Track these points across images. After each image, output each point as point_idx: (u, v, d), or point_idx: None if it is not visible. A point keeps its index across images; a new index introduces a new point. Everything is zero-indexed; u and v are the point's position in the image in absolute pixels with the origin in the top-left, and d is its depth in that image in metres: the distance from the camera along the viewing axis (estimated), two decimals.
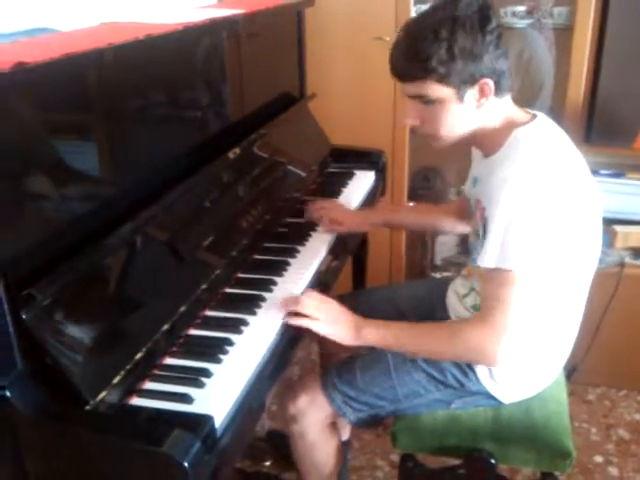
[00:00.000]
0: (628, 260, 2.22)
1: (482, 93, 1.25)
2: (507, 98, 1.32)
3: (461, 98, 1.25)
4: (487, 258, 1.23)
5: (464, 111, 1.27)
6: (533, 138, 1.27)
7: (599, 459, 2.07)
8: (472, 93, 1.25)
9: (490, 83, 1.24)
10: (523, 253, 1.20)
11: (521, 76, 2.43)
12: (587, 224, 1.29)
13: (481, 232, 1.31)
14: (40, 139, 1.11)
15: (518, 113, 1.33)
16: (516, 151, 1.25)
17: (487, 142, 1.34)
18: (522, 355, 1.37)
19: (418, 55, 1.22)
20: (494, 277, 1.24)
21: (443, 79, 1.23)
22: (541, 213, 1.19)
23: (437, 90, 1.24)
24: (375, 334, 1.34)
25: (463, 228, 1.75)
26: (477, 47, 1.21)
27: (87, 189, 1.23)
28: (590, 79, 2.21)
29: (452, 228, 1.80)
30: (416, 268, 2.79)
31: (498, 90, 1.26)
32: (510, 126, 1.30)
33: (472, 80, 1.23)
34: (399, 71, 1.28)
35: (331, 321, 1.35)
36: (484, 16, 1.22)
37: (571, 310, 1.38)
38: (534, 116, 1.32)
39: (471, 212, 1.47)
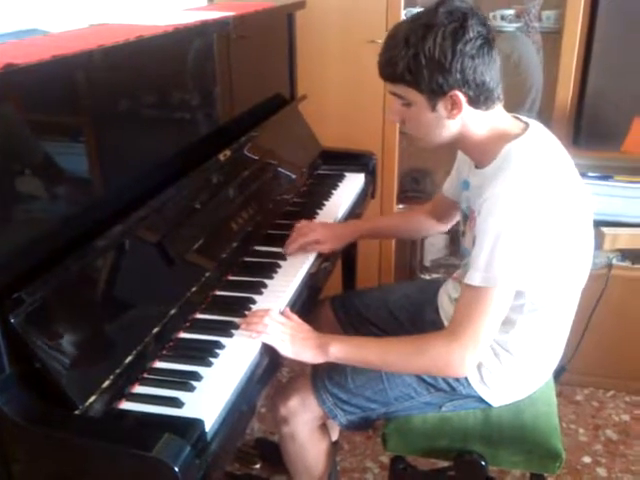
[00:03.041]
0: (616, 262, 2.24)
1: (453, 105, 1.22)
2: (497, 110, 1.28)
3: (433, 107, 1.24)
4: (473, 275, 1.22)
5: (437, 120, 1.26)
6: (524, 154, 1.24)
7: (587, 460, 2.08)
8: (443, 104, 1.23)
9: (460, 95, 1.21)
10: (507, 272, 1.20)
11: (510, 80, 2.43)
12: (579, 234, 1.29)
13: (472, 246, 1.31)
14: (28, 141, 1.10)
15: (509, 124, 1.30)
16: (507, 168, 1.23)
17: (477, 153, 1.33)
18: (514, 361, 1.38)
19: (390, 60, 1.23)
20: (473, 290, 1.23)
21: (413, 85, 1.22)
22: (528, 233, 1.19)
23: (410, 94, 1.24)
24: (340, 351, 1.31)
25: (440, 228, 1.78)
26: (445, 58, 1.18)
27: (76, 191, 1.23)
28: (578, 82, 2.22)
29: (432, 229, 1.80)
30: (405, 269, 2.79)
31: (476, 103, 1.23)
32: (501, 139, 1.27)
33: (441, 91, 1.21)
34: (379, 71, 1.29)
35: (295, 342, 1.31)
36: (461, 27, 1.18)
37: (563, 316, 1.39)
38: (526, 126, 1.30)
39: (461, 213, 1.48)
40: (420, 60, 1.19)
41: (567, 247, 1.27)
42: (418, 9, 2.35)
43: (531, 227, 1.19)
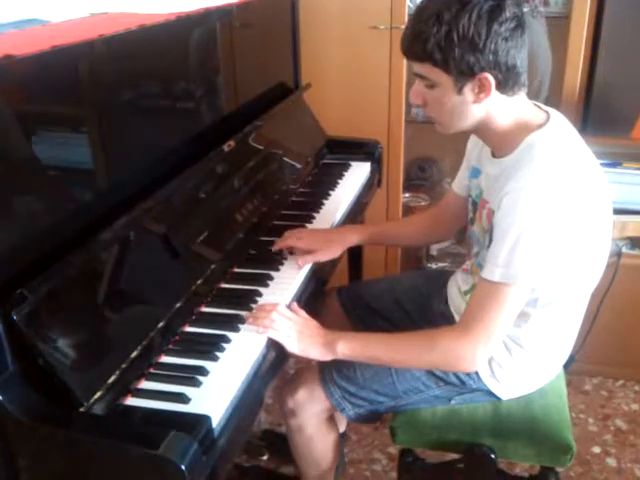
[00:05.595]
0: (625, 250, 2.21)
1: (481, 88, 1.17)
2: (521, 97, 1.23)
3: (459, 90, 1.18)
4: (490, 269, 1.19)
5: (462, 104, 1.20)
6: (548, 146, 1.20)
7: (597, 450, 2.06)
8: (471, 86, 1.17)
9: (490, 78, 1.15)
10: (528, 270, 1.17)
11: None
12: (599, 228, 1.26)
13: (487, 238, 1.28)
14: (29, 133, 1.08)
15: (532, 114, 1.25)
16: (530, 161, 1.18)
17: (498, 142, 1.28)
18: (526, 355, 1.36)
19: (419, 36, 1.16)
20: (490, 286, 1.20)
21: (440, 65, 1.16)
22: (551, 230, 1.15)
23: (436, 75, 1.18)
24: (348, 348, 1.30)
25: (445, 234, 1.73)
26: (480, 37, 1.12)
27: (78, 184, 1.21)
28: (587, 68, 2.19)
29: (437, 236, 1.76)
30: (412, 259, 2.77)
31: (503, 87, 1.18)
32: (524, 129, 1.23)
33: (470, 72, 1.15)
34: (403, 49, 1.22)
35: (303, 339, 1.30)
36: (497, 6, 1.11)
37: (576, 309, 1.37)
38: (548, 116, 1.26)
39: (470, 201, 1.44)
40: (452, 38, 1.12)
41: (587, 241, 1.24)
42: None
43: (554, 224, 1.15)
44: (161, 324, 1.21)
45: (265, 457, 1.99)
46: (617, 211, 2.16)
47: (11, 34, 1.20)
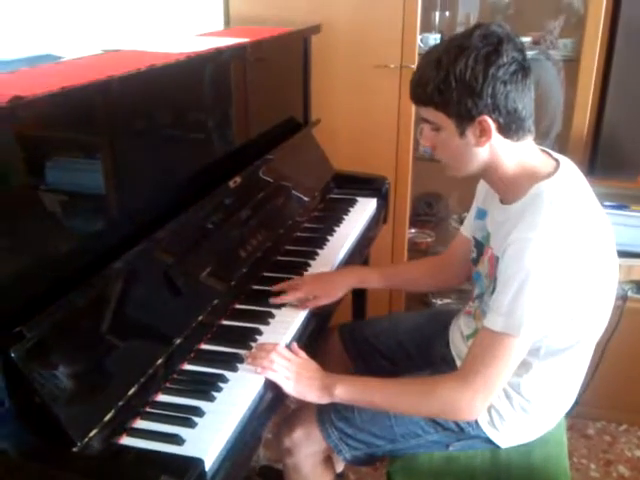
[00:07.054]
0: (631, 294, 2.20)
1: (482, 132, 1.18)
2: (527, 142, 1.23)
3: (462, 133, 1.19)
4: (493, 318, 1.19)
5: (466, 147, 1.21)
6: (554, 197, 1.19)
7: None
8: (472, 130, 1.19)
9: (490, 121, 1.17)
10: (530, 321, 1.16)
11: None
12: (604, 280, 1.25)
13: (490, 284, 1.28)
14: (36, 172, 1.09)
15: (540, 161, 1.25)
16: (536, 211, 1.18)
17: (505, 188, 1.28)
18: (526, 405, 1.35)
19: (420, 80, 1.20)
20: (492, 335, 1.19)
21: (441, 108, 1.19)
22: (555, 282, 1.15)
23: (439, 118, 1.20)
24: (345, 393, 1.29)
25: (453, 280, 1.68)
26: (477, 81, 1.14)
27: (81, 222, 1.21)
28: (595, 111, 2.20)
29: (444, 282, 1.72)
30: (417, 294, 2.76)
31: (507, 131, 1.19)
32: (531, 177, 1.23)
33: (469, 115, 1.17)
34: (409, 94, 1.25)
35: (300, 382, 1.29)
36: (495, 50, 1.14)
37: (580, 360, 1.36)
38: (557, 164, 1.25)
39: (475, 241, 1.44)
40: (450, 82, 1.15)
41: (592, 294, 1.23)
42: (434, 35, 2.34)
43: (558, 277, 1.15)
44: (160, 361, 1.21)
45: None
46: (623, 254, 2.16)
47: (23, 72, 1.21)
